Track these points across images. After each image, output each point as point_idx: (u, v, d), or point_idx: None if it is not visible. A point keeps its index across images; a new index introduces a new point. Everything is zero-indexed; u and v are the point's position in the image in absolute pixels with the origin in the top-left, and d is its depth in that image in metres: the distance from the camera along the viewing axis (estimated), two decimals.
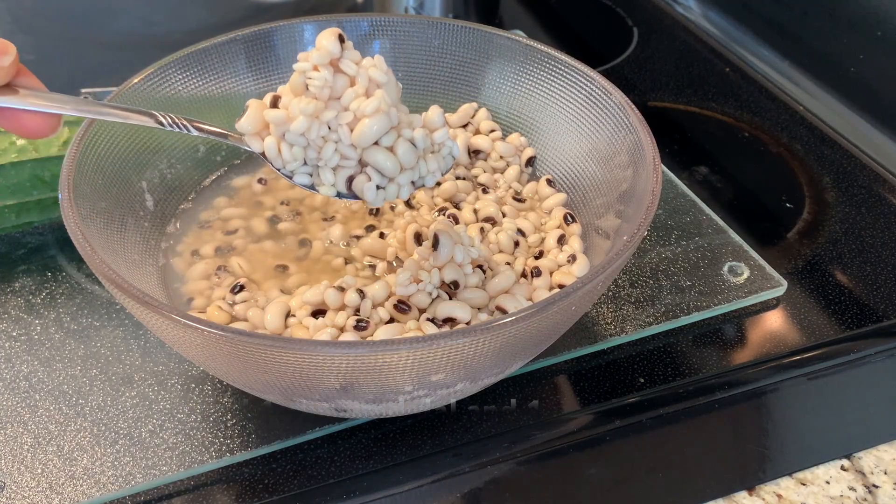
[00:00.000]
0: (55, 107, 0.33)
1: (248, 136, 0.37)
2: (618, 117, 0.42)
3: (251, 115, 0.37)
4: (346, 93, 0.36)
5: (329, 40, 0.35)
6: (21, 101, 0.32)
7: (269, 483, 0.37)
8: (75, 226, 0.34)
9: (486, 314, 0.39)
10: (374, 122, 0.35)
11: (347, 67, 0.36)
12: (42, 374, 0.42)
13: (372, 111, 0.35)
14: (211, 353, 0.32)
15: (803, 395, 0.43)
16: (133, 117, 0.36)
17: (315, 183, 0.37)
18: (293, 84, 0.36)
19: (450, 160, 0.39)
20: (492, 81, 0.50)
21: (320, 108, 0.35)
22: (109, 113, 0.35)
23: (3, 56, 0.31)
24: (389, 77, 0.36)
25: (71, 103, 0.34)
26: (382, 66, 0.36)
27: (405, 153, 0.36)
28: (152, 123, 0.36)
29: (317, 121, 0.35)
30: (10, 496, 0.36)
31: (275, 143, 0.37)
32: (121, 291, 0.31)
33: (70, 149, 0.38)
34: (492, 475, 0.38)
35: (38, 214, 0.49)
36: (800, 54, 0.69)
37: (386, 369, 0.31)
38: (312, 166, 0.37)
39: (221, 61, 0.47)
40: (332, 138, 0.36)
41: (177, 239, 0.45)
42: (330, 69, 0.35)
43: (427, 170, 0.38)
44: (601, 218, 0.43)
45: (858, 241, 0.52)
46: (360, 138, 0.35)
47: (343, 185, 0.37)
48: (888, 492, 0.39)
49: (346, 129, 0.36)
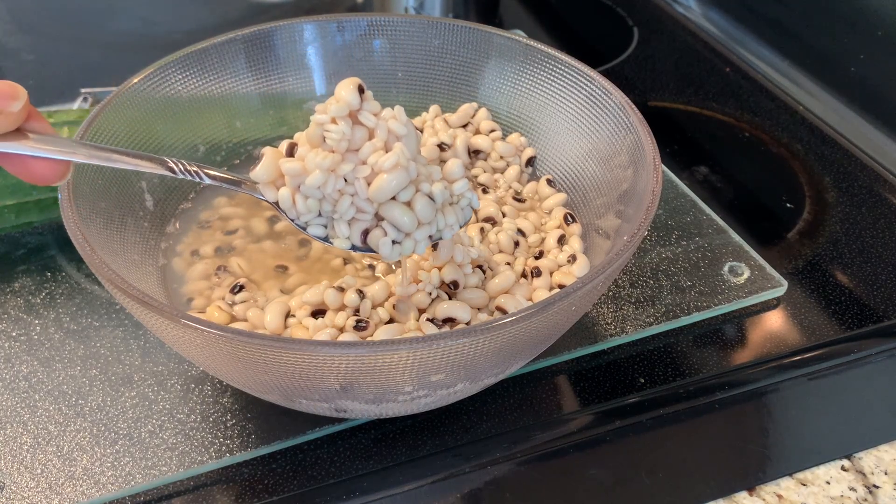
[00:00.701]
0: (66, 153, 0.32)
1: (263, 186, 0.36)
2: (618, 117, 0.42)
3: (266, 164, 0.36)
4: (365, 146, 0.35)
5: (348, 91, 0.34)
6: (31, 147, 0.31)
7: (269, 483, 0.37)
8: (75, 226, 0.34)
9: (486, 314, 0.39)
10: (392, 177, 0.34)
11: (366, 119, 0.34)
12: (42, 375, 0.42)
13: (390, 166, 0.34)
14: (211, 353, 0.32)
15: (804, 395, 0.43)
16: (143, 164, 0.35)
17: (329, 235, 0.36)
18: (310, 135, 0.35)
19: (469, 212, 0.38)
20: (492, 81, 0.50)
21: (337, 161, 0.34)
22: (121, 160, 0.34)
23: (14, 101, 0.30)
24: (409, 129, 0.35)
25: (83, 149, 0.33)
26: (402, 118, 0.35)
27: (423, 208, 0.35)
28: (163, 171, 0.35)
29: (333, 174, 0.34)
30: (9, 496, 0.36)
31: (289, 195, 0.35)
32: (120, 292, 0.31)
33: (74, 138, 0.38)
34: (492, 475, 0.38)
35: (38, 214, 0.49)
36: (800, 54, 0.69)
37: (386, 369, 0.31)
38: (327, 218, 0.36)
39: (221, 61, 0.47)
40: (349, 191, 0.35)
41: (176, 239, 0.45)
42: (348, 121, 0.34)
43: (445, 223, 0.37)
44: (601, 218, 0.43)
45: (859, 241, 0.52)
46: (378, 193, 0.34)
47: (358, 238, 0.36)
48: (888, 492, 0.39)
49: (363, 183, 0.35)
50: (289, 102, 0.50)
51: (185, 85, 0.46)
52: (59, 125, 0.49)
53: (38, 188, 0.48)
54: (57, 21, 0.80)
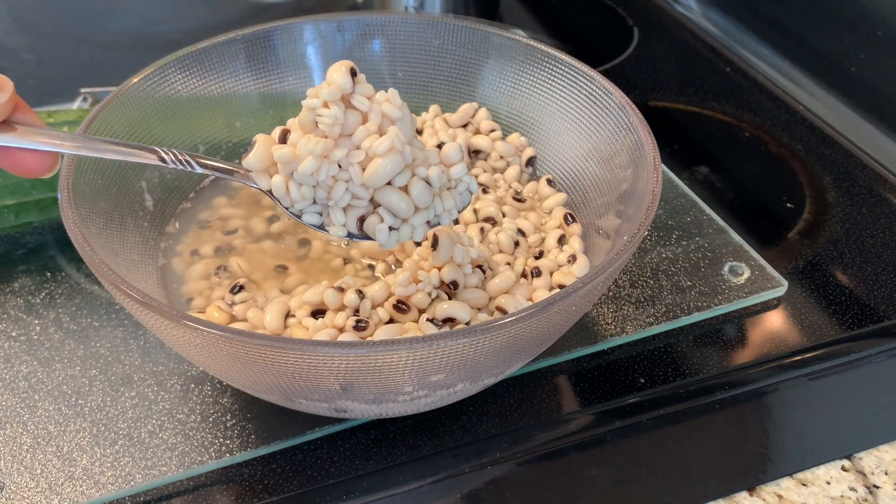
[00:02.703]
0: (55, 144, 0.31)
1: (256, 173, 0.36)
2: (618, 117, 0.42)
3: (259, 152, 0.35)
4: (358, 130, 0.34)
5: (340, 74, 0.33)
6: (19, 139, 0.31)
7: (269, 483, 0.37)
8: (75, 226, 0.34)
9: (485, 314, 0.39)
10: (386, 161, 0.34)
11: (359, 103, 0.34)
12: (41, 375, 0.42)
13: (385, 150, 0.33)
14: (211, 353, 0.32)
15: (804, 395, 0.43)
16: (135, 153, 0.34)
17: (325, 223, 0.36)
18: (302, 121, 0.34)
19: (467, 196, 0.37)
20: (492, 81, 0.50)
21: (330, 146, 0.34)
22: (110, 150, 0.34)
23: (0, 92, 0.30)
24: (404, 112, 0.35)
25: (70, 140, 0.32)
26: (396, 101, 0.34)
27: (420, 193, 0.35)
28: (155, 160, 0.35)
29: (326, 161, 0.34)
30: (9, 496, 0.36)
31: (283, 182, 0.35)
32: (120, 292, 0.31)
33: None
34: (492, 475, 0.38)
35: (38, 214, 0.49)
36: (800, 54, 0.69)
37: (386, 369, 0.31)
38: (322, 205, 0.35)
39: (221, 61, 0.47)
40: (343, 178, 0.34)
41: (176, 239, 0.45)
42: (341, 105, 0.34)
43: (443, 208, 0.36)
44: (601, 218, 0.43)
45: (859, 241, 0.52)
46: (373, 179, 0.34)
47: (354, 225, 0.35)
48: (889, 492, 0.38)
49: (357, 169, 0.34)
50: (289, 102, 0.50)
51: (185, 85, 0.46)
52: (59, 125, 0.49)
53: (37, 188, 0.48)
54: (57, 21, 0.80)
